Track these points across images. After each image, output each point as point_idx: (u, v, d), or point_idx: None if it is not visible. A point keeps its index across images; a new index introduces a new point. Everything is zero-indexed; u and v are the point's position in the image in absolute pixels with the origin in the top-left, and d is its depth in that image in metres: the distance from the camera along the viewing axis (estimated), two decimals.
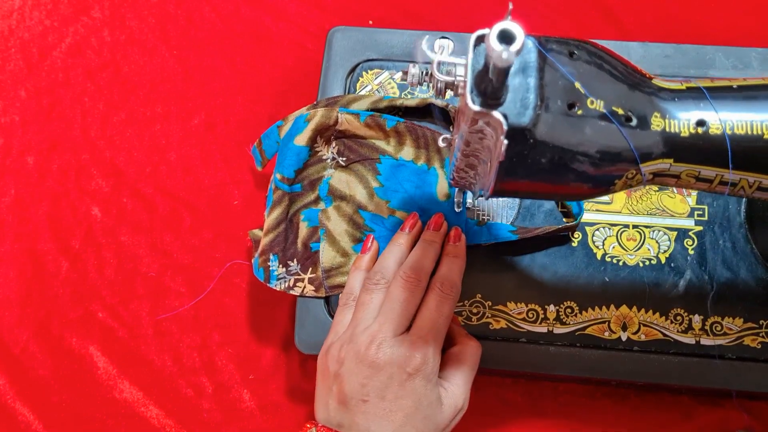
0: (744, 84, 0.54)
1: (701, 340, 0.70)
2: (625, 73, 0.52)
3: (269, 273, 0.73)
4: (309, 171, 0.75)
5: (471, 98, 0.47)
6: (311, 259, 0.73)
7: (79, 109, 0.89)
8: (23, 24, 0.92)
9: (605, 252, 0.72)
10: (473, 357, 0.66)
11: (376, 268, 0.68)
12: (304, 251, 0.74)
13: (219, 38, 0.91)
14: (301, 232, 0.74)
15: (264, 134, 0.78)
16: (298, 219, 0.74)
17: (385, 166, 0.74)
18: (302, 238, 0.74)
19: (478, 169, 0.58)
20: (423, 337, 0.62)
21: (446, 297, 0.65)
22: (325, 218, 0.74)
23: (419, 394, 0.61)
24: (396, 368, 0.61)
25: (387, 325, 0.62)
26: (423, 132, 0.74)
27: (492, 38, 0.42)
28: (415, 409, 0.61)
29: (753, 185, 0.54)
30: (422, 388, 0.61)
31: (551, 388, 0.77)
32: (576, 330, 0.71)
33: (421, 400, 0.61)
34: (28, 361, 0.82)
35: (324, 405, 0.64)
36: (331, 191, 0.74)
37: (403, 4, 0.90)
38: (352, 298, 0.68)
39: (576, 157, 0.50)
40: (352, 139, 0.75)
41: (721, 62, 0.76)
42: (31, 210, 0.86)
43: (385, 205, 0.73)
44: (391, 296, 0.64)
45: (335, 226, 0.74)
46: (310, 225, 0.74)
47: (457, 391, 0.64)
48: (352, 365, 0.62)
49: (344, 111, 0.74)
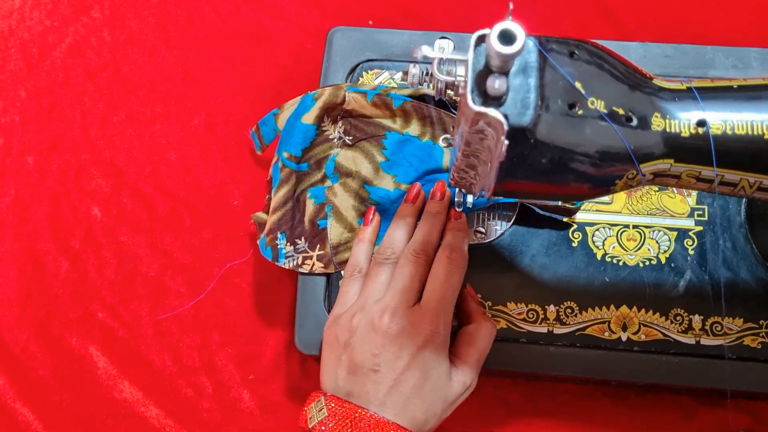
0: (744, 84, 0.54)
1: (701, 340, 0.70)
2: (626, 73, 0.52)
3: (277, 252, 0.73)
4: (316, 150, 0.75)
5: (471, 98, 0.47)
6: (319, 237, 0.74)
7: (79, 109, 0.89)
8: (23, 24, 0.92)
9: (605, 252, 0.72)
10: (487, 336, 0.67)
11: (386, 243, 0.69)
12: (311, 229, 0.74)
13: (219, 38, 0.91)
14: (308, 210, 0.74)
15: (261, 121, 0.79)
16: (304, 197, 0.75)
17: (391, 141, 0.74)
18: (309, 215, 0.74)
19: (478, 169, 0.58)
20: (433, 309, 0.63)
21: (455, 268, 0.66)
22: (331, 195, 0.74)
23: (429, 365, 0.62)
24: (407, 339, 0.62)
25: (399, 296, 0.64)
26: (429, 111, 0.74)
27: (493, 38, 0.42)
28: (423, 380, 0.62)
29: (753, 185, 0.54)
30: (432, 360, 0.62)
31: (551, 389, 0.77)
32: (576, 330, 0.71)
33: (430, 372, 0.62)
34: (28, 361, 0.82)
35: (332, 375, 0.64)
36: (338, 168, 0.75)
37: (403, 4, 0.90)
38: (357, 270, 0.70)
39: (576, 157, 0.50)
40: (359, 119, 0.75)
41: (721, 62, 0.76)
42: (31, 210, 0.86)
43: (391, 179, 0.73)
44: (401, 270, 0.66)
45: (342, 201, 0.74)
46: (317, 202, 0.74)
47: (466, 368, 0.65)
48: (364, 335, 0.63)
49: (351, 90, 0.74)
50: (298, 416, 0.78)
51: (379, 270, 0.67)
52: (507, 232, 0.73)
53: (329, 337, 0.66)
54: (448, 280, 0.65)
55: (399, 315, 0.63)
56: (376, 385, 0.62)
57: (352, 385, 0.62)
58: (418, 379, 0.62)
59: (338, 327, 0.65)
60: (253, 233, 0.83)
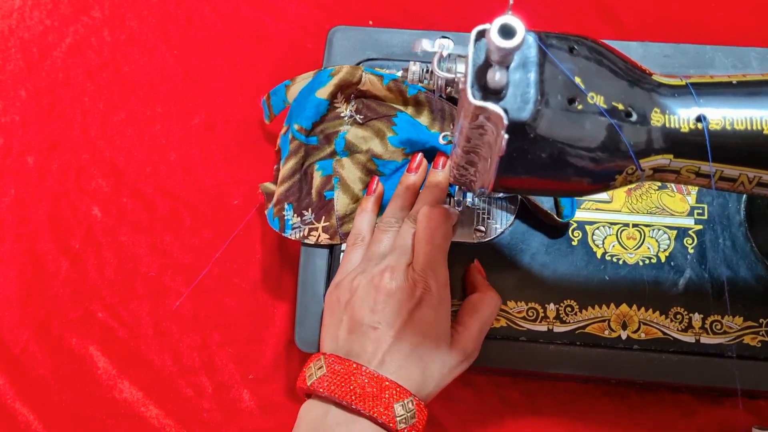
0: (743, 80, 0.54)
1: (701, 338, 0.70)
2: (625, 69, 0.52)
3: (284, 222, 0.74)
4: (326, 125, 0.76)
5: (471, 93, 0.48)
6: (325, 208, 0.74)
7: (79, 109, 0.89)
8: (23, 24, 0.92)
9: (605, 251, 0.72)
10: (490, 306, 0.68)
11: (388, 213, 0.71)
12: (318, 200, 0.74)
13: (219, 38, 0.91)
14: (315, 182, 0.75)
15: (272, 91, 0.79)
16: (312, 170, 0.75)
17: (401, 119, 0.74)
18: (316, 187, 0.74)
19: (478, 165, 0.58)
20: (422, 270, 0.64)
21: (436, 226, 0.66)
22: (339, 166, 0.75)
23: (426, 325, 0.63)
24: (405, 295, 0.63)
25: (399, 257, 0.65)
26: (442, 105, 0.75)
27: (493, 32, 0.42)
28: (422, 339, 0.62)
29: (753, 181, 0.54)
30: (430, 318, 0.63)
31: (551, 387, 0.77)
32: (576, 328, 0.71)
33: (428, 332, 0.63)
34: (28, 361, 0.82)
35: (333, 337, 0.65)
36: (348, 146, 0.75)
37: (403, 4, 0.90)
38: (360, 239, 0.71)
39: (576, 152, 0.50)
40: (372, 99, 0.76)
41: (721, 62, 0.76)
42: (31, 210, 0.86)
43: (401, 152, 0.74)
44: (402, 234, 0.67)
45: (348, 173, 0.74)
46: (324, 174, 0.75)
47: (467, 336, 0.65)
48: (365, 293, 0.64)
49: (369, 71, 0.75)
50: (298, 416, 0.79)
51: (382, 236, 0.69)
52: (507, 231, 0.73)
53: (330, 300, 0.67)
54: (431, 242, 0.65)
55: (398, 272, 0.64)
56: (376, 343, 0.62)
57: (352, 344, 0.63)
58: (416, 337, 0.62)
59: (339, 290, 0.66)
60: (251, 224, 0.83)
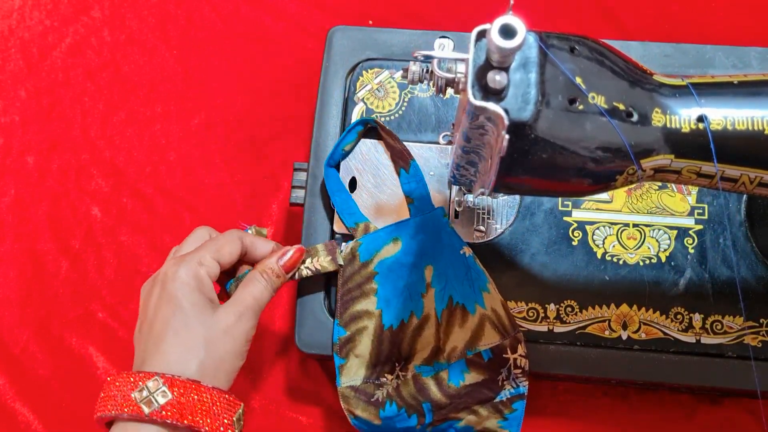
0: (744, 80, 0.54)
1: (701, 338, 0.70)
2: (626, 69, 0.52)
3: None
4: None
5: (472, 93, 0.48)
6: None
7: (79, 109, 0.89)
8: (23, 24, 0.92)
9: (605, 251, 0.72)
10: (251, 284, 0.65)
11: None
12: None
13: (219, 38, 0.91)
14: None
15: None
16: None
17: (382, 273, 0.73)
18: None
19: (478, 166, 0.58)
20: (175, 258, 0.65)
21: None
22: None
23: (177, 300, 0.61)
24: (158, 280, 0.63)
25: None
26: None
27: (494, 32, 0.42)
28: (172, 315, 0.61)
29: (754, 181, 0.54)
30: (177, 293, 0.61)
31: (551, 387, 0.77)
32: (576, 329, 0.71)
33: (180, 306, 0.61)
34: (28, 361, 0.82)
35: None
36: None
37: (403, 4, 0.90)
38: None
39: (577, 152, 0.50)
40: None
41: (721, 61, 0.76)
42: (31, 210, 0.86)
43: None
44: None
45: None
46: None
47: (230, 309, 0.63)
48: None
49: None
50: (298, 416, 0.79)
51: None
52: (507, 231, 0.73)
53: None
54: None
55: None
56: (139, 335, 0.62)
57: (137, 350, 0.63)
58: (167, 316, 0.61)
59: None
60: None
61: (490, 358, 0.69)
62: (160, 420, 0.56)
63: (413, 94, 0.77)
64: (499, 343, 0.69)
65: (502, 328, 0.69)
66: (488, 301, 0.70)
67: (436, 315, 0.70)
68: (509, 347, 0.69)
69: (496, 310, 0.70)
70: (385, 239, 0.72)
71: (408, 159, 0.74)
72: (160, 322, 0.61)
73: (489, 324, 0.70)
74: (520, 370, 0.69)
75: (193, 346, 0.60)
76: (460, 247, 0.71)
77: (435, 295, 0.71)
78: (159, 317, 0.61)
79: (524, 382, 0.69)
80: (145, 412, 0.56)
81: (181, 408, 0.57)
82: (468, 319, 0.70)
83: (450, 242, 0.72)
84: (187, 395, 0.57)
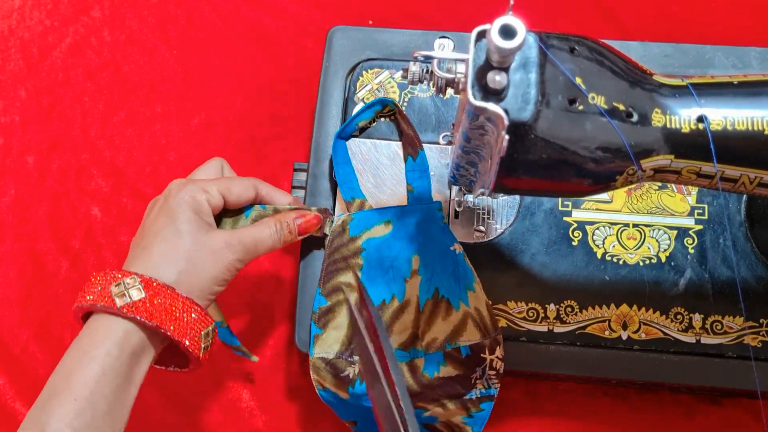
0: (744, 80, 0.54)
1: (701, 338, 0.70)
2: (626, 69, 0.52)
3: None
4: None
5: (472, 93, 0.48)
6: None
7: (79, 109, 0.89)
8: (23, 24, 0.92)
9: (605, 251, 0.72)
10: (263, 231, 0.67)
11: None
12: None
13: (219, 38, 0.91)
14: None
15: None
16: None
17: (369, 251, 0.73)
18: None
19: (478, 166, 0.58)
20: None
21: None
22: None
23: (172, 214, 0.63)
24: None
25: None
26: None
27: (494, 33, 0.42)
28: (164, 226, 0.63)
29: (754, 181, 0.54)
30: (174, 209, 0.63)
31: (551, 387, 0.77)
32: (576, 329, 0.71)
33: (173, 220, 0.63)
34: (28, 361, 0.82)
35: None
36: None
37: (403, 4, 0.90)
38: None
39: (577, 152, 0.50)
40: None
41: (721, 62, 0.76)
42: (31, 210, 0.86)
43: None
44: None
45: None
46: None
47: (227, 235, 0.64)
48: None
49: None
50: (298, 416, 0.79)
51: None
52: (507, 231, 0.73)
53: None
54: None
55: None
56: (133, 241, 0.65)
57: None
58: (161, 226, 0.63)
59: None
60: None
61: (468, 354, 0.69)
62: (131, 315, 0.58)
63: (413, 94, 0.77)
64: (479, 342, 0.69)
65: (484, 328, 0.69)
66: (473, 300, 0.70)
67: (418, 302, 0.71)
68: (488, 347, 0.69)
69: (480, 310, 0.70)
70: (377, 219, 0.73)
71: (417, 147, 0.75)
72: (153, 231, 0.63)
73: (471, 321, 0.70)
74: (495, 371, 0.69)
75: (176, 256, 0.62)
76: (451, 244, 0.72)
77: (420, 283, 0.71)
78: (154, 226, 0.63)
79: (496, 385, 0.69)
80: (118, 305, 0.58)
81: (152, 308, 0.59)
82: (451, 313, 0.70)
83: (441, 237, 0.72)
84: (159, 297, 0.59)
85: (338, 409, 0.72)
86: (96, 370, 0.57)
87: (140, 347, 0.60)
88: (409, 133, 0.75)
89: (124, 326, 0.59)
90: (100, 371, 0.57)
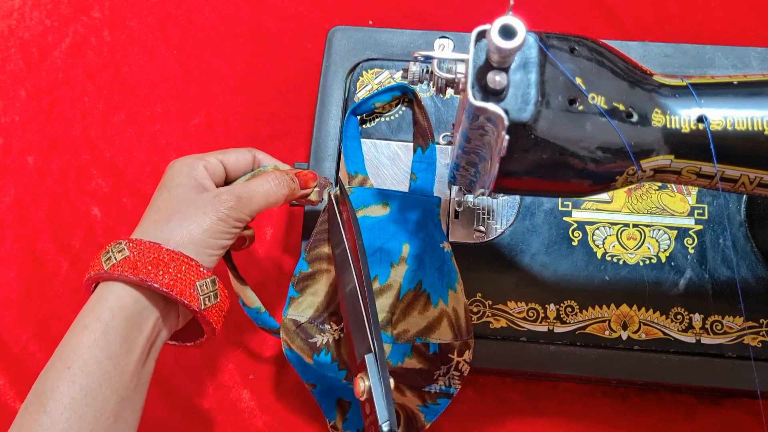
0: (744, 80, 0.54)
1: (701, 338, 0.70)
2: (626, 69, 0.52)
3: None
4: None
5: (472, 93, 0.48)
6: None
7: (79, 109, 0.89)
8: (23, 24, 0.92)
9: (605, 251, 0.72)
10: (257, 180, 0.67)
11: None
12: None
13: (219, 38, 0.91)
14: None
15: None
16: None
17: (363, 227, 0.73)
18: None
19: (478, 166, 0.58)
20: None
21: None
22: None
23: (173, 178, 0.65)
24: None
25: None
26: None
27: (493, 33, 0.42)
28: (158, 196, 0.64)
29: (754, 181, 0.54)
30: (177, 174, 0.65)
31: (551, 388, 0.77)
32: (576, 329, 0.71)
33: (173, 183, 0.64)
34: (28, 361, 0.82)
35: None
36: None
37: (403, 4, 0.90)
38: None
39: (577, 153, 0.50)
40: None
41: (721, 62, 0.76)
42: (31, 210, 0.86)
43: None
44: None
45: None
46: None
47: (204, 194, 0.64)
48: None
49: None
50: (298, 416, 0.79)
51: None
52: (507, 231, 0.73)
53: None
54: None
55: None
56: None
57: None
58: (155, 198, 0.64)
59: None
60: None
61: (436, 352, 0.69)
62: (116, 275, 0.59)
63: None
64: (449, 342, 0.69)
65: (458, 329, 0.69)
66: (452, 300, 0.70)
67: (399, 290, 0.70)
68: (457, 349, 0.69)
69: (458, 311, 0.70)
70: (376, 199, 0.73)
71: (428, 140, 0.75)
72: (149, 205, 0.65)
73: (447, 321, 0.70)
74: (459, 373, 0.69)
75: (165, 216, 0.63)
76: (441, 241, 0.72)
77: (406, 273, 0.71)
78: (151, 202, 0.65)
79: (457, 385, 0.69)
80: (105, 268, 0.59)
81: (138, 264, 0.59)
82: (429, 308, 0.70)
83: (433, 232, 0.72)
84: (144, 253, 0.60)
85: (300, 370, 0.72)
86: (89, 337, 0.58)
87: (135, 310, 0.59)
88: (423, 124, 0.76)
89: (115, 289, 0.59)
90: (92, 337, 0.58)
